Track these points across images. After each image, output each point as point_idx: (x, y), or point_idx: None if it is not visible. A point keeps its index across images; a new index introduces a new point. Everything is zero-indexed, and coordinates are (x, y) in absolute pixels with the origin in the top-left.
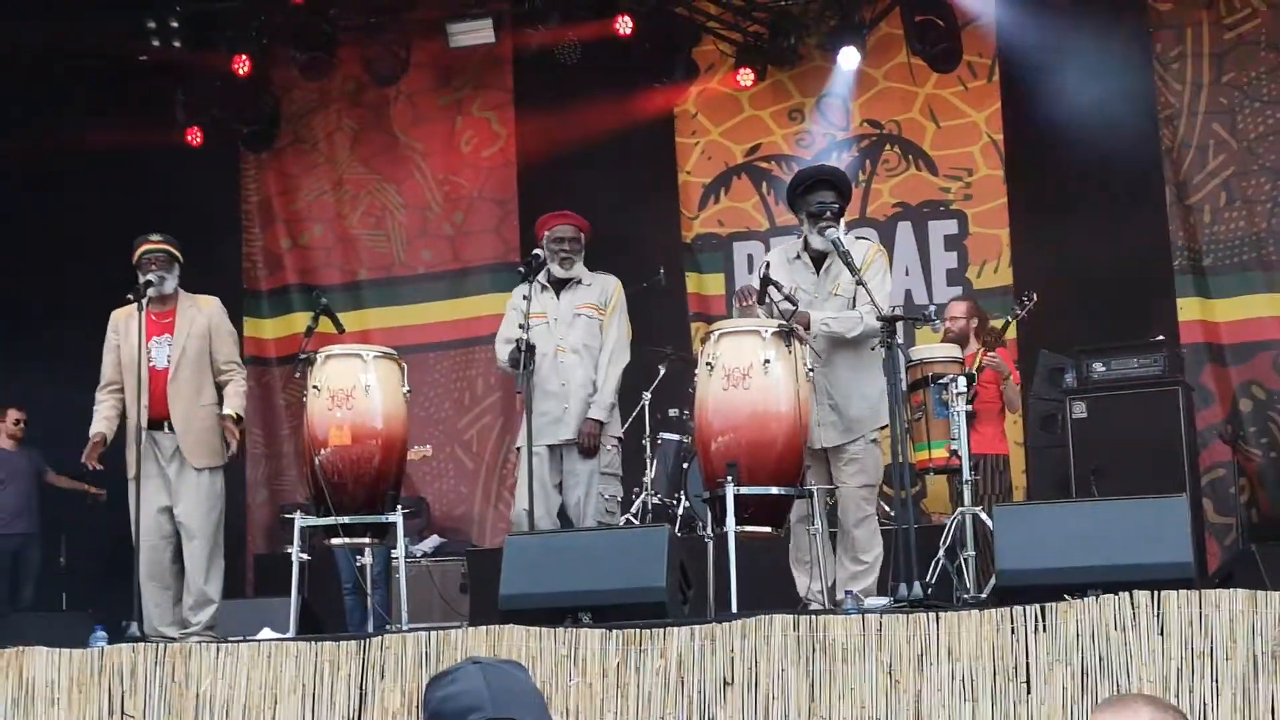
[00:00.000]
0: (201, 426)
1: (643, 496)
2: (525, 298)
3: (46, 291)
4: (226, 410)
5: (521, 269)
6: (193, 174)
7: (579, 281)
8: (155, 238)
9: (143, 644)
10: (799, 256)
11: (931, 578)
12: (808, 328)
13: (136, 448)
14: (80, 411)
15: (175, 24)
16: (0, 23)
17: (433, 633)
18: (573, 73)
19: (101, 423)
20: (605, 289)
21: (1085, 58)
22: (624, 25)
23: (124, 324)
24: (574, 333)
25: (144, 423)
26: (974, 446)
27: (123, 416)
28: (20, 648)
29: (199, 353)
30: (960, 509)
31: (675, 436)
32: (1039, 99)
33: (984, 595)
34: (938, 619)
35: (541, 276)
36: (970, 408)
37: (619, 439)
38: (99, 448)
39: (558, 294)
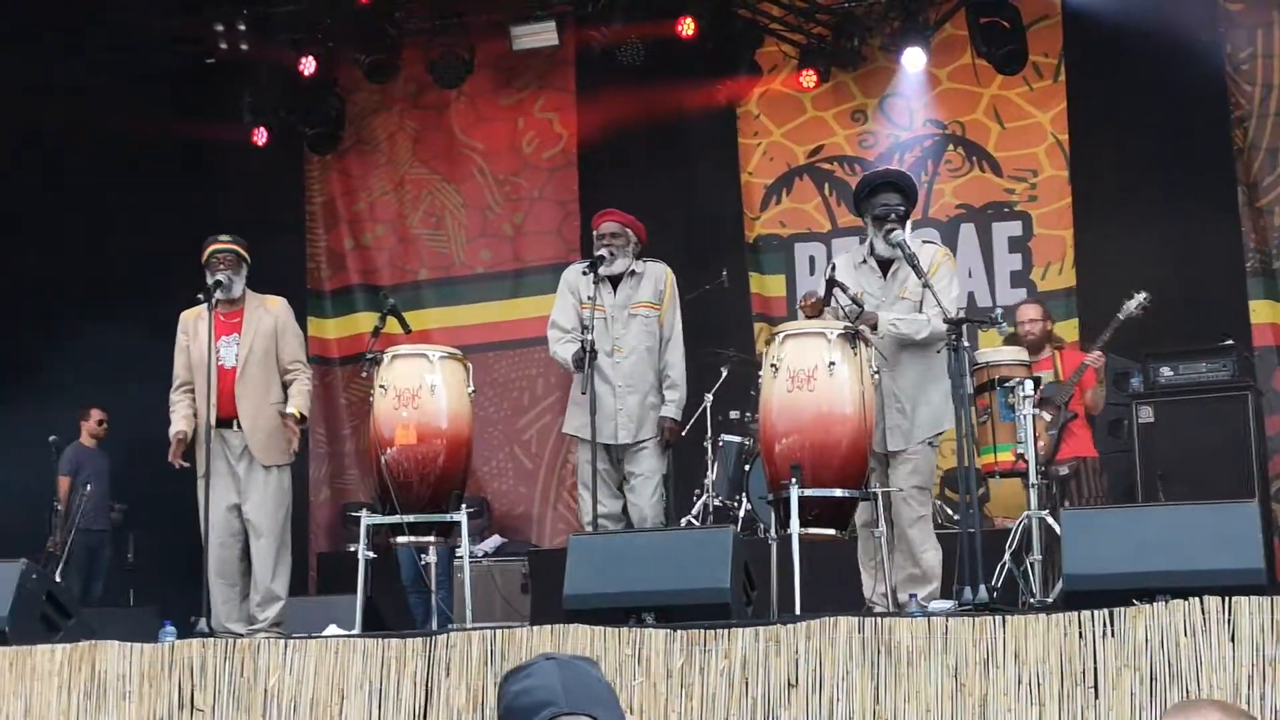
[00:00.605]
0: (269, 425)
1: (704, 498)
2: (590, 297)
3: (115, 287)
4: (289, 409)
5: (586, 271)
6: (258, 174)
7: (632, 273)
8: (224, 238)
9: (211, 639)
10: (865, 261)
11: (997, 582)
12: (875, 328)
13: (206, 446)
14: (150, 409)
15: (242, 26)
16: (72, 23)
17: (498, 631)
18: (635, 74)
19: (181, 421)
20: (658, 281)
21: (1154, 58)
22: (686, 27)
23: (193, 324)
24: (631, 332)
25: (213, 421)
26: (1071, 450)
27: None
28: (93, 642)
29: (266, 352)
30: (1027, 512)
31: (737, 438)
32: (1106, 100)
33: (1051, 600)
34: (1004, 622)
35: (604, 273)
36: (1073, 412)
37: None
38: (182, 445)
39: (614, 289)
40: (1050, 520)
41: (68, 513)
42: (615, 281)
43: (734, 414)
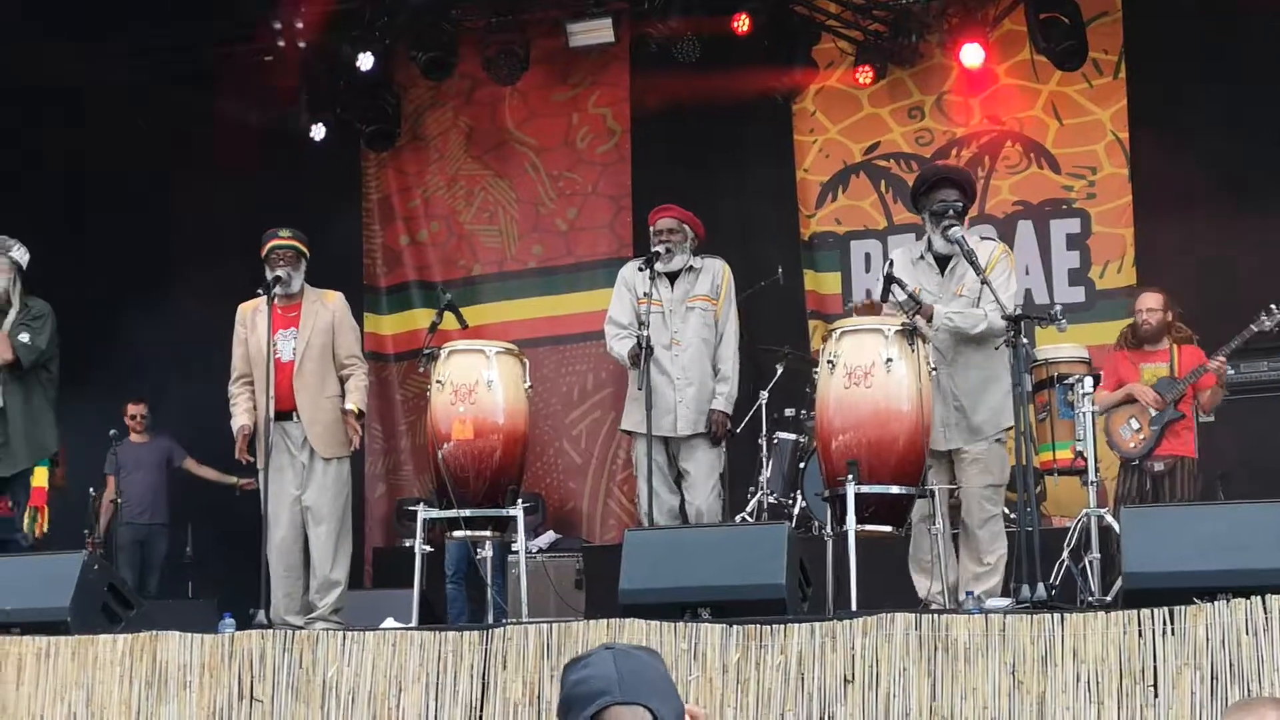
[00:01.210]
0: (327, 419)
1: (758, 496)
2: (646, 293)
3: (174, 280)
4: (348, 405)
5: (642, 267)
6: (315, 171)
7: (690, 269)
8: (284, 233)
9: (271, 630)
10: (923, 257)
11: (1056, 580)
12: (931, 320)
13: (266, 439)
14: (202, 400)
15: (300, 24)
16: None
17: (553, 625)
18: (690, 70)
19: (243, 415)
20: (715, 276)
21: (1216, 54)
22: (742, 23)
23: (251, 317)
24: (689, 325)
25: (272, 414)
26: (1172, 448)
27: None
28: (154, 632)
29: (323, 347)
30: (1085, 510)
31: (791, 436)
32: (1168, 97)
33: (1110, 598)
34: (1062, 620)
35: (661, 269)
36: (1181, 412)
37: (731, 433)
38: (247, 440)
39: (671, 284)
40: (1109, 518)
41: (99, 511)
42: (673, 277)
43: (789, 411)
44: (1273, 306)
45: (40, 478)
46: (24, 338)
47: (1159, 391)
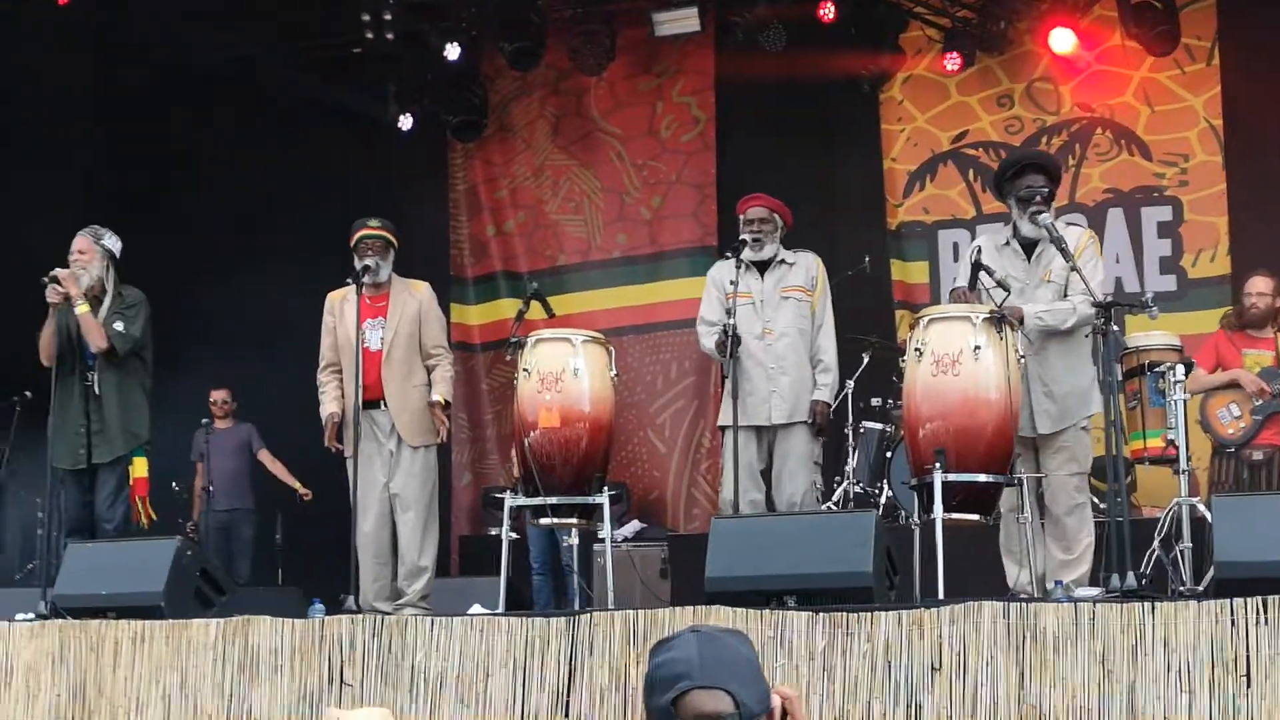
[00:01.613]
0: (415, 407)
1: (845, 485)
2: (733, 282)
3: (264, 269)
4: (434, 397)
5: (728, 254)
6: (403, 162)
7: (781, 261)
8: (374, 223)
9: (360, 615)
10: (1009, 243)
11: (1146, 569)
12: (1022, 322)
13: (354, 427)
14: (296, 388)
15: (388, 16)
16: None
17: (640, 611)
18: (775, 58)
19: (332, 403)
20: (810, 269)
21: None
22: (828, 10)
23: (339, 306)
24: (783, 315)
25: (360, 403)
26: (1272, 438)
27: None
28: (246, 617)
29: (410, 336)
30: (1176, 499)
31: (878, 425)
32: (1264, 84)
33: (1201, 588)
34: (1153, 609)
35: (751, 258)
36: None
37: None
38: (337, 428)
39: (761, 274)
40: (1201, 507)
41: (193, 498)
42: (762, 268)
43: (875, 401)
44: None
45: (140, 468)
46: (118, 326)
47: (1265, 379)
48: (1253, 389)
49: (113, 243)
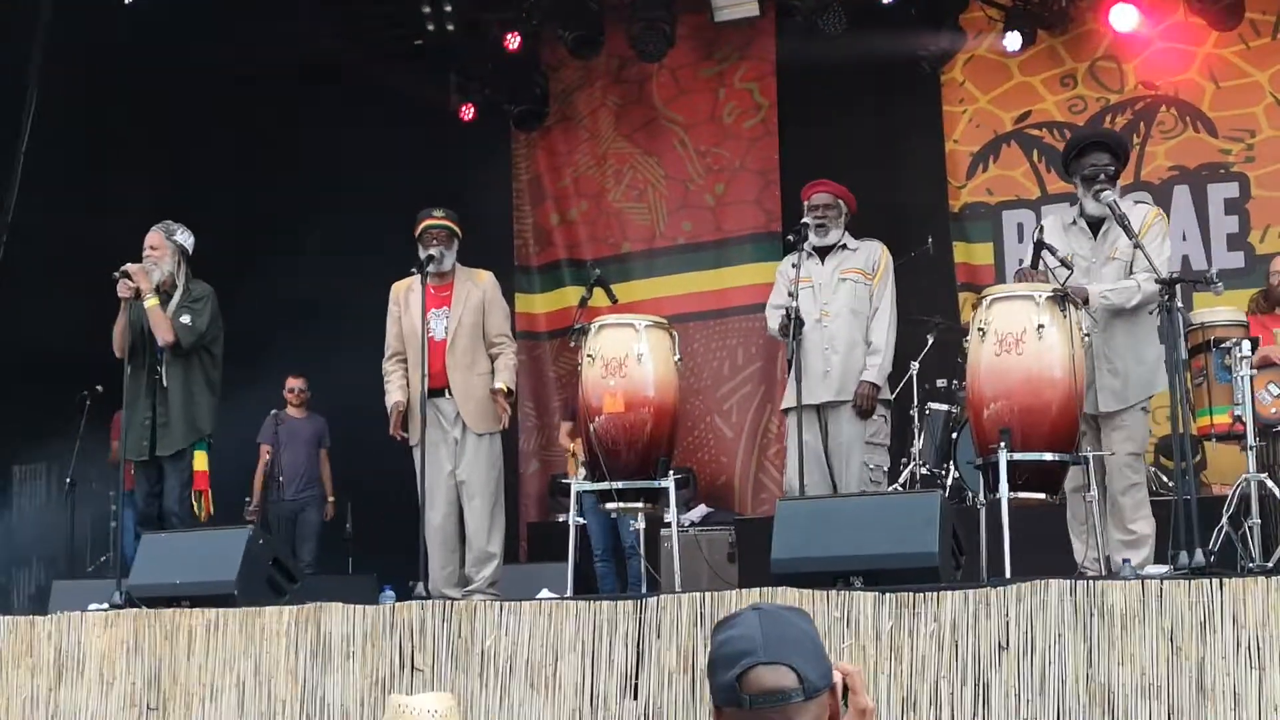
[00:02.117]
0: (479, 395)
1: (911, 466)
2: (795, 265)
3: (328, 259)
4: (497, 384)
5: (791, 237)
6: (466, 152)
7: (843, 247)
8: (438, 213)
9: (430, 601)
10: (1075, 222)
11: (1214, 546)
12: (1087, 302)
13: (421, 416)
14: (364, 378)
15: (449, 7)
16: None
17: (707, 594)
18: (836, 42)
19: (397, 392)
20: (872, 254)
21: None
22: None
23: (404, 296)
24: (839, 296)
25: (425, 391)
26: None
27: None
28: (318, 604)
29: (474, 325)
30: (1244, 475)
31: (944, 406)
32: None
33: (1271, 564)
34: (1221, 585)
35: (807, 245)
36: None
37: (888, 406)
38: (401, 417)
39: (822, 260)
40: (1270, 483)
41: (265, 482)
42: (824, 254)
43: (940, 382)
44: None
45: (201, 461)
46: (185, 319)
47: None
48: None
49: (185, 237)
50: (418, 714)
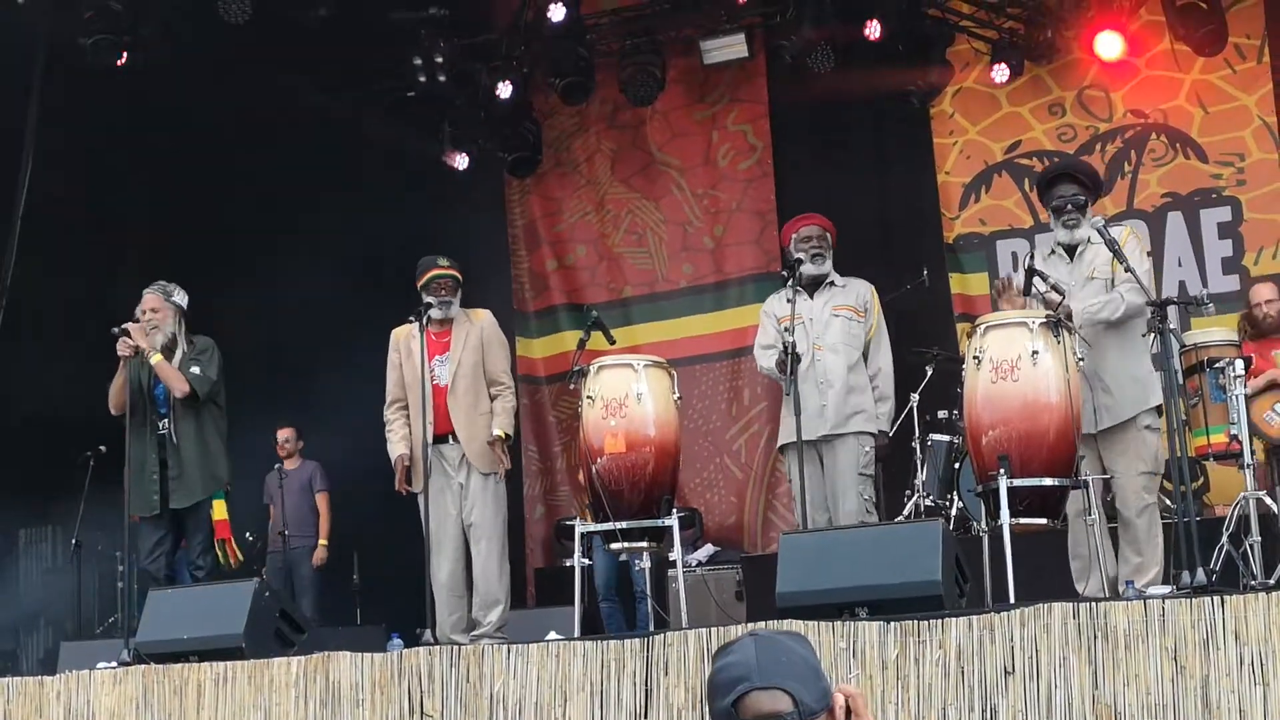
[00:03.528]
0: (483, 435)
1: (914, 499)
2: (789, 300)
3: (323, 311)
4: (495, 431)
5: (785, 273)
6: (461, 201)
7: (831, 283)
8: (444, 262)
9: (438, 647)
10: (1054, 251)
11: (1216, 564)
12: (1071, 319)
13: (424, 464)
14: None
15: (439, 59)
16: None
17: (714, 630)
18: (826, 80)
19: (400, 444)
20: (860, 293)
21: None
22: (874, 30)
23: (404, 343)
24: (831, 332)
25: (429, 438)
26: None
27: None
28: (326, 653)
29: (475, 365)
30: (1243, 493)
31: (945, 438)
32: None
33: (1273, 581)
34: (1223, 603)
35: (814, 272)
36: None
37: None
38: (405, 470)
39: (811, 295)
40: (1268, 500)
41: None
42: (812, 290)
43: (941, 414)
44: None
45: (220, 510)
46: (195, 370)
47: None
48: None
49: (181, 298)
50: None
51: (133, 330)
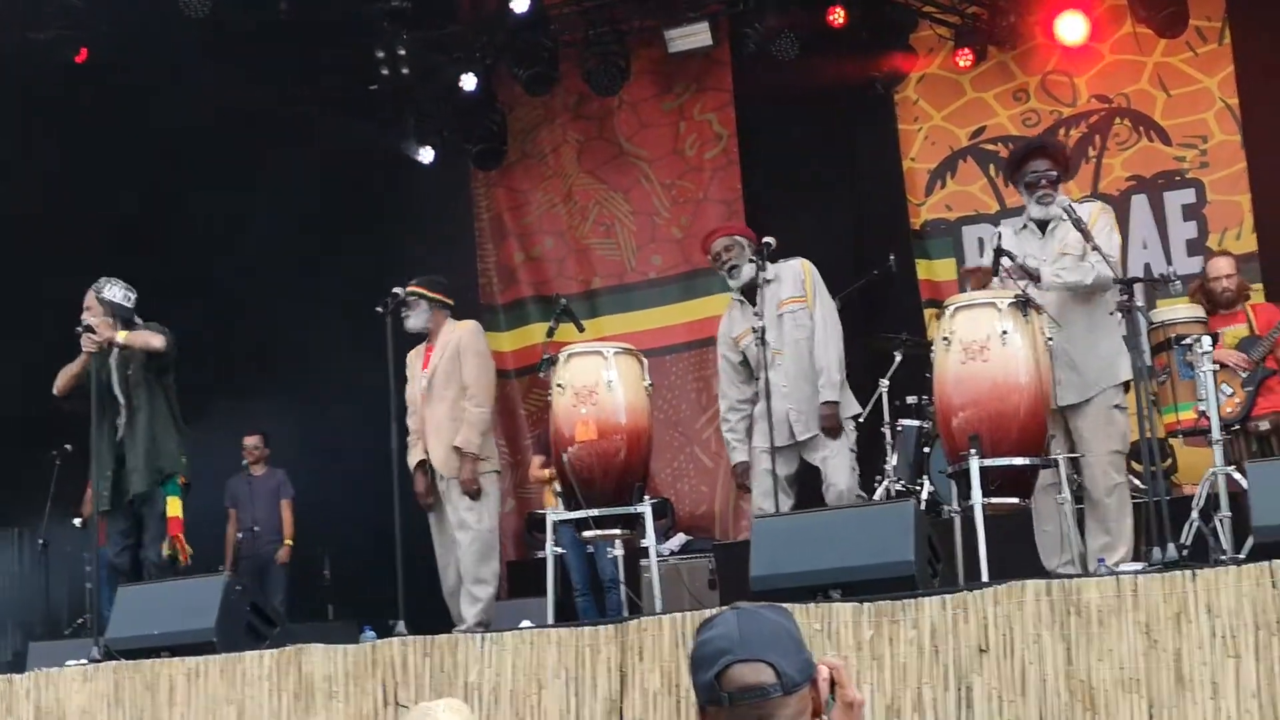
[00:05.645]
0: (449, 442)
1: (885, 483)
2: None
3: (290, 316)
4: (456, 442)
5: (733, 295)
6: (426, 194)
7: (767, 281)
8: (414, 283)
9: (411, 638)
10: (1025, 226)
11: (1187, 540)
12: (1040, 280)
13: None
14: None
15: (403, 51)
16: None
17: (688, 615)
18: (790, 67)
19: (418, 453)
20: (796, 274)
21: None
22: (838, 16)
23: (411, 360)
24: (784, 332)
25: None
26: (1272, 404)
27: None
28: (299, 646)
29: (447, 374)
30: (1212, 469)
31: (915, 422)
32: (1275, 58)
33: (1242, 555)
34: (1194, 577)
35: (734, 293)
36: (1271, 369)
37: (855, 419)
38: (422, 478)
39: (752, 300)
40: (1236, 475)
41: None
42: (750, 294)
43: (911, 399)
44: None
45: (174, 506)
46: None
47: (1243, 351)
48: (1235, 361)
49: (113, 293)
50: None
51: (96, 325)
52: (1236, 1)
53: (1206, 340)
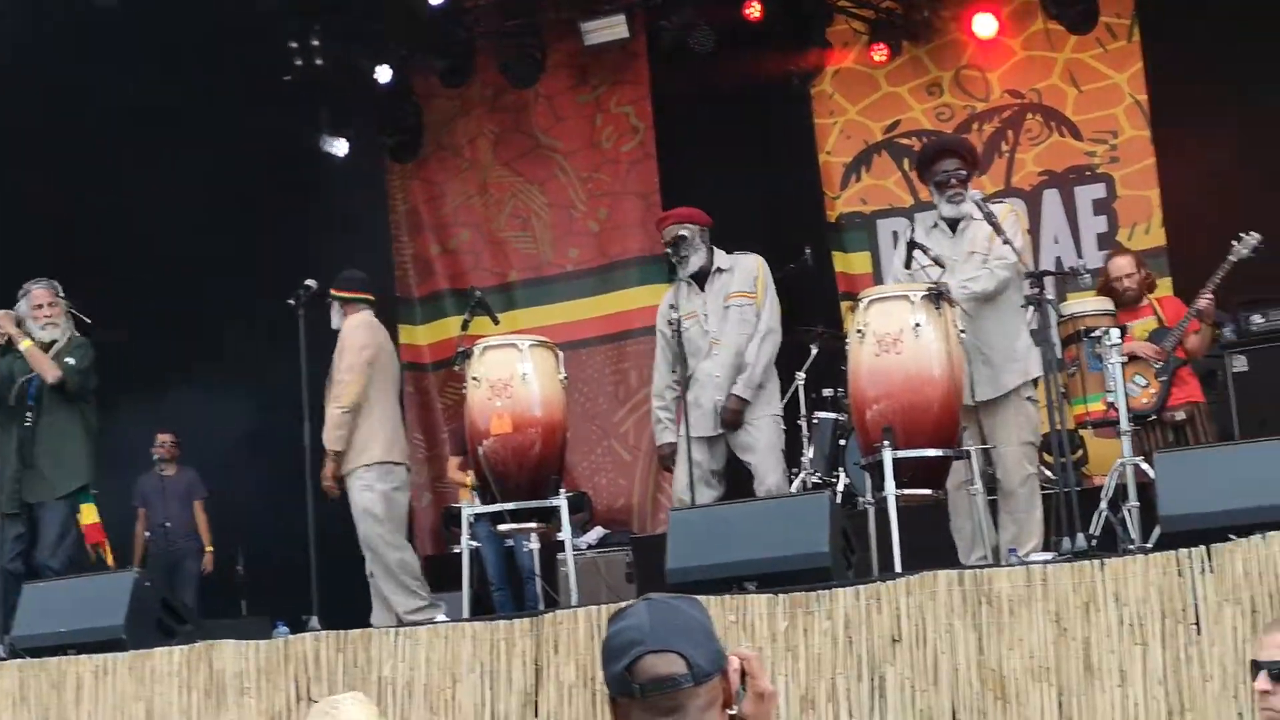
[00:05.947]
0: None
1: (801, 476)
2: (672, 305)
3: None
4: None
5: (673, 278)
6: (340, 187)
7: (719, 270)
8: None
9: (325, 633)
10: (936, 225)
11: (1095, 529)
12: (951, 300)
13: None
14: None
15: (316, 41)
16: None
17: (603, 608)
18: (706, 61)
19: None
20: (749, 270)
21: (1227, 9)
22: (754, 9)
23: None
24: (727, 325)
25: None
26: (1185, 395)
27: None
28: (209, 642)
29: (334, 364)
30: (1120, 460)
31: (831, 415)
32: (1183, 56)
33: (1150, 545)
34: (1103, 566)
35: (684, 275)
36: (1181, 359)
37: (778, 416)
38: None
39: (702, 287)
40: (1144, 465)
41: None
42: (701, 281)
43: (826, 391)
44: (1241, 234)
45: (90, 514)
46: (70, 360)
47: (1155, 342)
48: (1148, 353)
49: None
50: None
51: (0, 319)
52: None
53: (1115, 333)
